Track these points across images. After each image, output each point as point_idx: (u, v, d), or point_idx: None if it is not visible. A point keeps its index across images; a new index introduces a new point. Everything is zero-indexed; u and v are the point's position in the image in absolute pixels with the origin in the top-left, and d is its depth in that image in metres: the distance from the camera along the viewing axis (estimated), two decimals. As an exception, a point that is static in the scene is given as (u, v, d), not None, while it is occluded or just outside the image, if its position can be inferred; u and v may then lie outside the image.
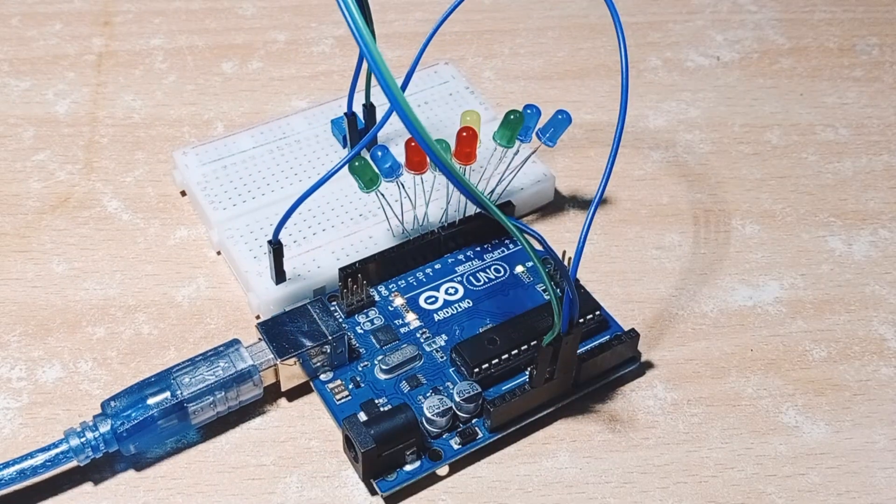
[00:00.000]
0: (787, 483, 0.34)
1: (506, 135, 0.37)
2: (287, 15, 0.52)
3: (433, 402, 0.34)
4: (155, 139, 0.45)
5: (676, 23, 0.52)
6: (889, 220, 0.43)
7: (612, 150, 0.31)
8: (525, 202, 0.42)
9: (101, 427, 0.33)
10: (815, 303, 0.39)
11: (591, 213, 0.31)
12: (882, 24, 0.52)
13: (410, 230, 0.39)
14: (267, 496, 0.33)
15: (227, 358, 0.34)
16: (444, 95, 0.45)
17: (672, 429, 0.35)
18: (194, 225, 0.42)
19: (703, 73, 0.49)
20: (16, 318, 0.38)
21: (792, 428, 0.36)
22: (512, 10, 0.53)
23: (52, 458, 0.32)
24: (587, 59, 0.50)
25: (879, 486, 0.34)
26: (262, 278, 0.38)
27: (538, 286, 0.39)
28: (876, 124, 0.47)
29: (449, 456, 0.34)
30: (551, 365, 0.34)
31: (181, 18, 0.52)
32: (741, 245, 0.42)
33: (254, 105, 0.47)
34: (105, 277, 0.40)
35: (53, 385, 0.36)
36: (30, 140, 0.45)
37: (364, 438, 0.32)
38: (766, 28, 0.52)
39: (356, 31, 0.26)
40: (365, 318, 0.38)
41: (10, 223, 0.42)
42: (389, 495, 0.33)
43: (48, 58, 0.49)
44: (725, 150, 0.46)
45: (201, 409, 0.34)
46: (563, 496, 0.34)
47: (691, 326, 0.39)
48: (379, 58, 0.26)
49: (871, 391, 0.37)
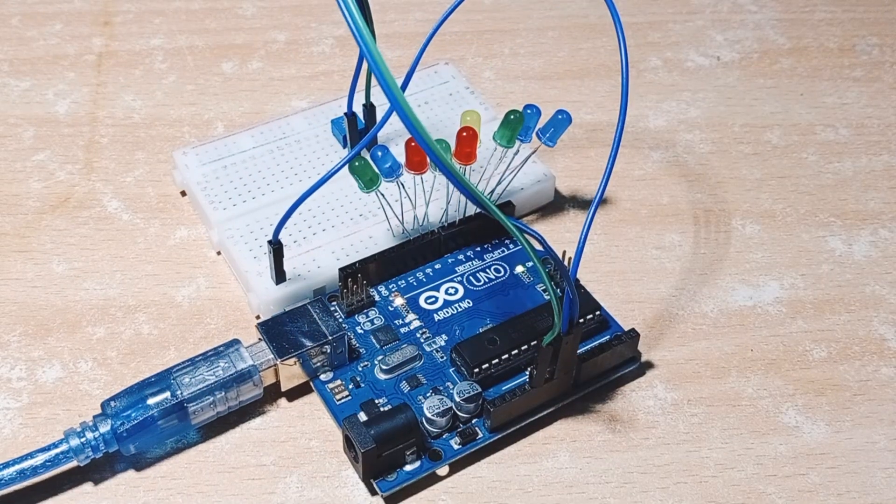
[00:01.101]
0: (787, 483, 0.34)
1: (506, 135, 0.37)
2: (287, 15, 0.52)
3: (433, 402, 0.34)
4: (155, 139, 0.45)
5: (676, 23, 0.52)
6: (889, 220, 0.43)
7: (613, 150, 0.32)
8: (525, 202, 0.42)
9: (101, 427, 0.33)
10: (816, 303, 0.39)
11: (592, 213, 0.31)
12: (882, 24, 0.52)
13: (410, 230, 0.39)
14: (267, 496, 0.33)
15: (227, 358, 0.34)
16: (444, 95, 0.45)
17: (672, 429, 0.35)
18: (194, 225, 0.42)
19: (703, 73, 0.49)
20: (16, 318, 0.38)
21: (792, 428, 0.36)
22: (512, 10, 0.53)
23: (52, 459, 0.32)
24: (587, 59, 0.50)
25: (879, 487, 0.34)
26: (262, 278, 0.38)
27: (538, 286, 0.39)
28: (876, 124, 0.47)
29: (449, 456, 0.34)
30: (551, 365, 0.34)
31: (181, 18, 0.52)
32: (741, 245, 0.41)
33: (254, 105, 0.47)
34: (105, 277, 0.40)
35: (53, 385, 0.36)
36: (30, 140, 0.45)
37: (364, 438, 0.32)
38: (767, 28, 0.52)
39: (356, 30, 0.26)
40: (365, 318, 0.38)
41: (10, 223, 0.42)
42: (389, 495, 0.33)
43: (48, 58, 0.49)
44: (725, 150, 0.46)
45: (201, 409, 0.34)
46: (563, 496, 0.34)
47: (691, 326, 0.39)
48: (379, 58, 0.26)
49: (871, 391, 0.37)
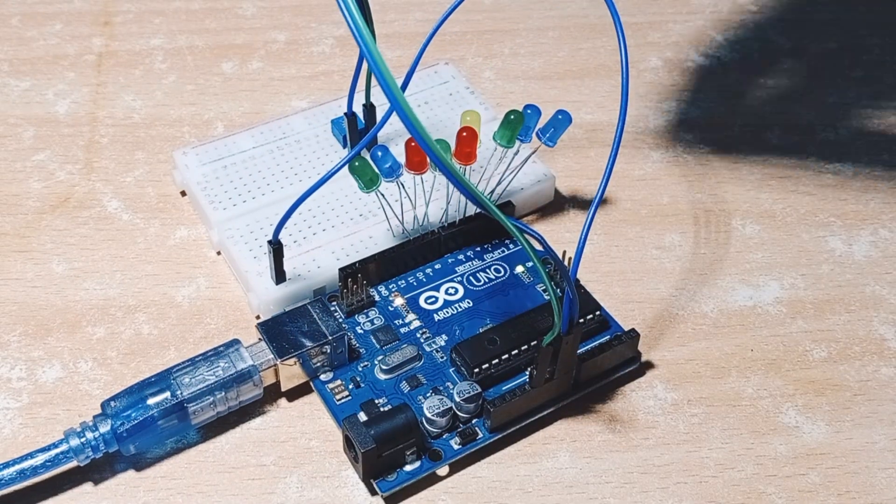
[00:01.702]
0: (788, 483, 0.34)
1: (506, 135, 0.37)
2: (287, 15, 0.52)
3: (433, 402, 0.34)
4: (155, 139, 0.45)
5: (676, 23, 0.52)
6: (889, 220, 0.43)
7: (613, 150, 0.32)
8: (525, 202, 0.42)
9: (102, 427, 0.33)
10: (816, 303, 0.39)
11: (592, 213, 0.31)
12: (882, 24, 0.52)
13: (410, 230, 0.39)
14: (267, 496, 0.33)
15: (227, 358, 0.34)
16: (444, 95, 0.45)
17: (672, 429, 0.35)
18: (194, 225, 0.42)
19: (703, 73, 0.49)
20: (16, 318, 0.38)
21: (792, 428, 0.35)
22: (512, 10, 0.53)
23: (52, 459, 0.32)
24: (587, 59, 0.50)
25: (880, 487, 0.34)
26: (262, 278, 0.38)
27: (538, 286, 0.39)
28: (876, 124, 0.47)
29: (449, 456, 0.34)
30: (551, 365, 0.34)
31: (181, 18, 0.52)
32: (741, 245, 0.41)
33: (254, 105, 0.47)
34: (105, 277, 0.40)
35: (53, 385, 0.36)
36: (30, 140, 0.45)
37: (364, 438, 0.32)
38: (767, 28, 0.52)
39: (356, 31, 0.26)
40: (365, 318, 0.38)
41: (10, 223, 0.42)
42: (389, 495, 0.33)
43: (48, 58, 0.49)
44: (725, 150, 0.46)
45: (201, 409, 0.34)
46: (563, 496, 0.34)
47: (691, 326, 0.39)
48: (379, 58, 0.26)
49: (871, 391, 0.37)
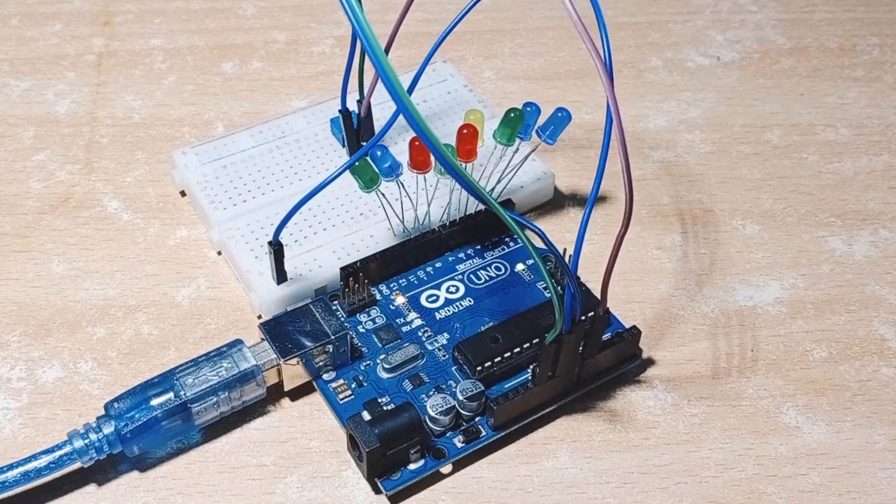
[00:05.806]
0: (788, 483, 0.34)
1: (506, 133, 0.37)
2: (287, 15, 0.52)
3: (436, 400, 0.34)
4: (155, 139, 0.45)
5: (676, 23, 0.52)
6: (889, 220, 0.43)
7: (603, 148, 0.31)
8: (525, 200, 0.42)
9: (105, 428, 0.33)
10: (816, 303, 0.40)
11: (588, 209, 0.31)
12: (882, 24, 0.53)
13: (411, 229, 0.39)
14: (267, 496, 0.33)
15: (230, 358, 0.34)
16: (442, 94, 0.45)
17: (672, 429, 0.35)
18: (194, 225, 0.42)
19: (703, 73, 0.49)
20: (16, 318, 0.38)
21: (792, 428, 0.36)
22: (512, 10, 0.53)
23: (55, 460, 0.32)
24: (587, 59, 0.50)
25: (880, 487, 0.34)
26: (263, 278, 0.38)
27: (539, 284, 0.39)
28: (876, 124, 0.47)
29: (453, 454, 0.34)
30: (554, 363, 0.34)
31: (181, 18, 0.51)
32: (741, 245, 0.42)
33: (254, 105, 0.47)
34: (105, 277, 0.40)
35: (53, 385, 0.36)
36: (30, 140, 0.45)
37: (368, 437, 0.32)
38: (767, 28, 0.52)
39: (359, 30, 0.26)
40: (367, 317, 0.38)
41: (10, 223, 0.41)
42: (393, 494, 0.33)
43: (48, 58, 0.49)
44: (725, 150, 0.46)
45: (205, 409, 0.34)
46: (563, 496, 0.34)
47: (691, 326, 0.39)
48: (384, 59, 0.26)
49: (871, 391, 0.37)
